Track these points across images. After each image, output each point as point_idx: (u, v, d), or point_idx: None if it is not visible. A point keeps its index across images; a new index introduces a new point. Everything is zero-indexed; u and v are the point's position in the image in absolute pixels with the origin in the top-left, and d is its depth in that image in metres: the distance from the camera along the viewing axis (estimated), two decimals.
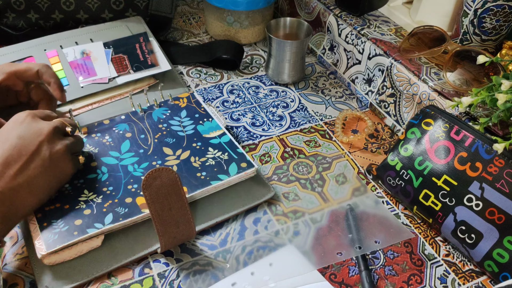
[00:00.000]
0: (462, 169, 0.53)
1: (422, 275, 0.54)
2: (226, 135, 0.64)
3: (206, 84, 0.80)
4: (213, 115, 0.68)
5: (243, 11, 0.84)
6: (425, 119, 0.58)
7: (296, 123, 0.73)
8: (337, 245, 0.55)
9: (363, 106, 0.78)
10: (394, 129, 0.72)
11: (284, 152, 0.68)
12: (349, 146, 0.70)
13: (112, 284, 0.51)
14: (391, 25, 0.78)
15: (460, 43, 0.70)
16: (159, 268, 0.53)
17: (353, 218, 0.58)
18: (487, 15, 0.65)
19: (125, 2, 0.84)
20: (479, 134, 0.54)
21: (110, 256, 0.52)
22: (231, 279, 0.51)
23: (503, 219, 0.50)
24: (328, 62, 0.84)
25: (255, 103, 0.77)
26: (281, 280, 0.51)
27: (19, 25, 0.81)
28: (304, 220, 0.59)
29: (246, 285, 0.51)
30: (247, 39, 0.90)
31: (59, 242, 0.50)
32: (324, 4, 0.84)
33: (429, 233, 0.58)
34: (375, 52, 0.73)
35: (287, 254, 0.54)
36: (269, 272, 0.52)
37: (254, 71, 0.84)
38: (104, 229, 0.52)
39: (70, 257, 0.51)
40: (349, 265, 0.54)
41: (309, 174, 0.65)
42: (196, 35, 0.92)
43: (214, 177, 0.59)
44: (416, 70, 0.67)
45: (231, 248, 0.55)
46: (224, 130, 0.65)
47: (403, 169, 0.58)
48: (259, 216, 0.59)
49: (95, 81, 0.72)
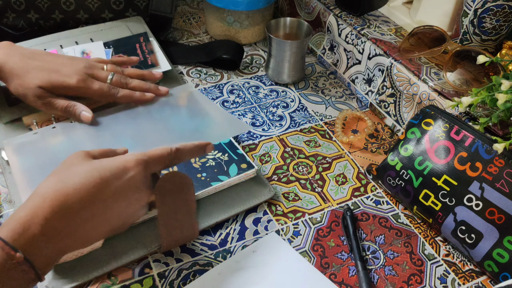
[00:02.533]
0: (462, 169, 0.53)
1: (422, 275, 0.54)
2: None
3: (206, 84, 0.80)
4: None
5: (243, 11, 0.84)
6: (425, 119, 0.58)
7: (296, 123, 0.73)
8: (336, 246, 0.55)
9: (363, 106, 0.78)
10: (394, 129, 0.72)
11: (284, 152, 0.68)
12: (349, 146, 0.70)
13: (112, 284, 0.51)
14: (391, 25, 0.78)
15: (460, 43, 0.70)
16: (159, 268, 0.53)
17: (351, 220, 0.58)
18: (487, 15, 0.65)
19: (125, 2, 0.84)
20: (479, 134, 0.54)
21: (110, 256, 0.52)
22: (217, 269, 0.52)
23: (503, 219, 0.50)
24: (328, 62, 0.84)
25: (255, 103, 0.77)
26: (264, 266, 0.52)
27: (19, 25, 0.81)
28: (304, 220, 0.59)
29: (231, 273, 0.52)
30: (247, 39, 0.90)
31: None
32: (324, 4, 0.84)
33: (429, 233, 0.58)
34: (375, 52, 0.73)
35: (270, 241, 0.55)
36: (253, 259, 0.53)
37: (254, 71, 0.84)
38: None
39: (71, 258, 0.51)
40: (349, 265, 0.54)
41: (309, 174, 0.65)
42: (196, 35, 0.92)
43: (214, 178, 0.59)
44: (416, 70, 0.67)
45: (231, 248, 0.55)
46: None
47: (403, 169, 0.58)
48: (259, 216, 0.59)
49: None
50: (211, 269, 0.52)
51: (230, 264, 0.53)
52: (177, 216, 0.51)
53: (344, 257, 0.55)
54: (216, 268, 0.52)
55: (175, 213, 0.50)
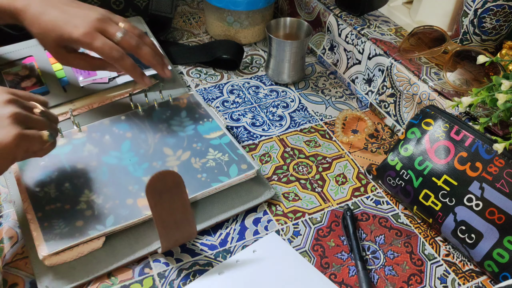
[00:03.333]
0: (462, 169, 0.53)
1: (422, 275, 0.54)
2: (226, 136, 0.64)
3: (206, 84, 0.80)
4: (213, 115, 0.68)
5: (243, 11, 0.84)
6: (425, 119, 0.58)
7: (296, 123, 0.73)
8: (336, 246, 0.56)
9: (363, 106, 0.78)
10: (394, 129, 0.72)
11: (284, 152, 0.68)
12: (349, 146, 0.70)
13: (112, 284, 0.51)
14: (391, 25, 0.78)
15: (460, 43, 0.70)
16: (159, 268, 0.53)
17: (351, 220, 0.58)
18: (487, 15, 0.65)
19: (125, 2, 0.84)
20: (479, 134, 0.54)
21: (110, 256, 0.52)
22: (218, 268, 0.52)
23: (503, 219, 0.50)
24: (328, 62, 0.84)
25: (255, 103, 0.77)
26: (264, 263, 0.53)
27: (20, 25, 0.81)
28: (304, 220, 0.59)
29: (231, 273, 0.52)
30: (247, 39, 0.90)
31: (60, 244, 0.50)
32: (324, 4, 0.84)
33: (429, 233, 0.58)
34: (375, 52, 0.73)
35: (270, 241, 0.55)
36: (253, 258, 0.53)
37: (254, 71, 0.84)
38: (106, 231, 0.52)
39: (71, 258, 0.51)
40: (349, 265, 0.54)
41: (309, 174, 0.65)
42: (196, 35, 0.92)
43: (214, 179, 0.59)
44: (416, 70, 0.67)
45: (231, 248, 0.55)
46: (224, 130, 0.65)
47: (403, 169, 0.58)
48: (259, 216, 0.59)
49: (95, 81, 0.72)
50: (211, 269, 0.52)
51: (230, 264, 0.53)
52: (174, 215, 0.50)
53: (344, 257, 0.55)
54: (216, 268, 0.52)
55: (171, 212, 0.50)
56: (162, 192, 0.48)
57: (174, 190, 0.49)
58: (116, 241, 0.53)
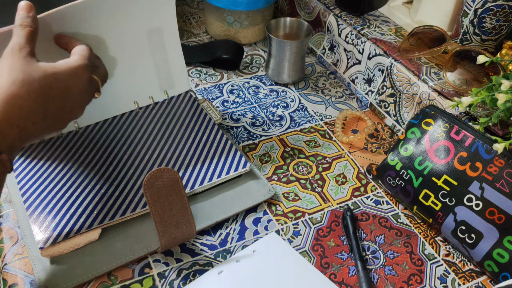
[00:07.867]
0: (462, 169, 0.53)
1: (422, 275, 0.54)
2: (220, 132, 0.65)
3: (206, 84, 0.80)
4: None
5: (243, 11, 0.84)
6: (425, 119, 0.58)
7: (296, 123, 0.73)
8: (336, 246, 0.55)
9: (363, 106, 0.78)
10: (394, 129, 0.72)
11: (284, 152, 0.68)
12: (349, 146, 0.70)
13: (112, 283, 0.51)
14: (391, 25, 0.78)
15: (460, 43, 0.70)
16: (159, 268, 0.53)
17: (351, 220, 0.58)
18: (487, 15, 0.65)
19: None
20: (479, 134, 0.54)
21: (110, 255, 0.52)
22: (218, 268, 0.52)
23: (503, 219, 0.50)
24: (328, 62, 0.84)
25: (255, 103, 0.77)
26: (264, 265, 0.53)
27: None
28: (304, 220, 0.59)
29: (231, 273, 0.52)
30: (247, 39, 0.90)
31: (57, 235, 0.50)
32: (324, 4, 0.84)
33: (429, 233, 0.58)
34: (375, 52, 0.73)
35: (270, 241, 0.55)
36: (253, 258, 0.53)
37: (254, 71, 0.84)
38: (102, 224, 0.52)
39: (67, 250, 0.51)
40: (349, 265, 0.54)
41: (309, 174, 0.65)
42: (196, 35, 0.92)
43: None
44: (416, 70, 0.67)
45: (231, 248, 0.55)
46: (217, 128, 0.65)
47: (403, 169, 0.58)
48: (259, 216, 0.59)
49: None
50: (211, 269, 0.52)
51: (230, 264, 0.53)
52: (172, 212, 0.51)
53: (344, 257, 0.55)
54: (216, 268, 0.52)
55: (169, 209, 0.51)
56: (160, 189, 0.49)
57: (171, 187, 0.50)
58: (116, 241, 0.53)
